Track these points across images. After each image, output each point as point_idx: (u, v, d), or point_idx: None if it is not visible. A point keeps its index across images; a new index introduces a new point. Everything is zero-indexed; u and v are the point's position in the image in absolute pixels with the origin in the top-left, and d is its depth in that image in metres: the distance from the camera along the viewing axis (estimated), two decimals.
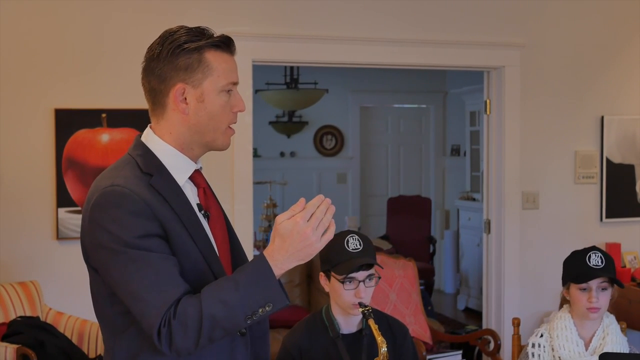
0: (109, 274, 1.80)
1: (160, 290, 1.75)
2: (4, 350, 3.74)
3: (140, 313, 1.76)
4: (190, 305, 1.74)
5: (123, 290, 1.78)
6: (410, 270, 5.08)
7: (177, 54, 1.86)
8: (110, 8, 4.41)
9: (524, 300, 5.12)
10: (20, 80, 4.31)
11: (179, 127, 1.91)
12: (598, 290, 2.87)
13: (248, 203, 4.64)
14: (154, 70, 1.89)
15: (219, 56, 1.90)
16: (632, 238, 5.42)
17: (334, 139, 9.36)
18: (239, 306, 1.74)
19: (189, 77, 1.87)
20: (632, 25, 5.37)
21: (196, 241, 1.86)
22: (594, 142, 5.32)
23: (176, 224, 1.83)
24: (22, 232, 4.33)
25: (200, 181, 1.98)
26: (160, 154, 1.91)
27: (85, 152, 4.35)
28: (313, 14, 4.74)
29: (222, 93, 1.91)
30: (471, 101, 8.22)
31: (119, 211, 1.78)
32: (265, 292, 1.75)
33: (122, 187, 1.81)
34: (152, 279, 1.75)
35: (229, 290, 1.75)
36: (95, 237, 1.81)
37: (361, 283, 2.66)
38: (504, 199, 5.12)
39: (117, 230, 1.77)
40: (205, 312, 1.73)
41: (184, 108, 1.89)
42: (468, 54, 5.02)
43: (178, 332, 1.73)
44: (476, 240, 7.77)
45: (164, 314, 1.73)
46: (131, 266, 1.76)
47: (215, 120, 1.91)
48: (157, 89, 1.90)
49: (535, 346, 2.94)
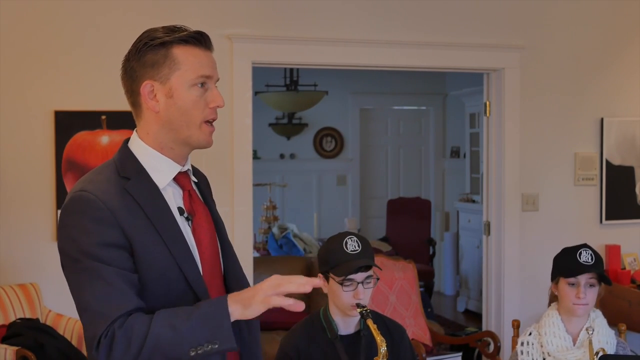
0: (68, 281, 1.81)
1: (110, 303, 1.72)
2: (4, 352, 3.74)
3: (87, 322, 1.75)
4: (139, 321, 1.71)
5: (75, 299, 1.79)
6: (410, 272, 5.08)
7: (144, 52, 1.86)
8: (111, 10, 4.41)
9: (523, 302, 5.12)
10: (21, 82, 4.31)
11: (154, 126, 1.89)
12: (586, 286, 2.93)
13: (248, 205, 4.64)
14: (127, 70, 1.90)
15: (187, 50, 1.86)
16: (631, 240, 5.42)
17: (334, 141, 9.37)
18: (186, 335, 1.69)
19: (156, 73, 1.86)
20: (632, 28, 5.37)
21: (169, 246, 1.82)
22: (593, 144, 5.32)
23: (145, 230, 1.81)
24: (22, 234, 4.33)
25: (186, 183, 1.94)
26: (141, 156, 1.90)
27: (85, 154, 4.35)
28: (313, 16, 4.74)
29: (194, 87, 1.86)
30: (471, 103, 8.22)
31: (82, 217, 1.78)
32: (215, 330, 1.71)
33: (89, 193, 1.80)
34: (103, 290, 1.73)
35: (181, 318, 1.71)
36: (60, 240, 1.82)
37: (360, 284, 2.66)
38: (504, 201, 5.12)
39: (77, 236, 1.77)
40: (152, 331, 1.69)
41: (154, 105, 1.87)
42: (468, 56, 5.02)
43: (120, 345, 1.69)
44: (476, 242, 7.77)
45: (107, 327, 1.70)
46: (84, 276, 1.75)
47: (187, 116, 1.86)
48: (131, 89, 1.91)
49: (524, 344, 3.02)
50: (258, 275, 5.41)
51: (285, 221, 8.02)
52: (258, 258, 5.99)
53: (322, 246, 2.83)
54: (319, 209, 9.10)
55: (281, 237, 7.10)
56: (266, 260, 6.21)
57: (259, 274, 5.47)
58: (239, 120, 4.57)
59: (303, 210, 9.08)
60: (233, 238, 4.50)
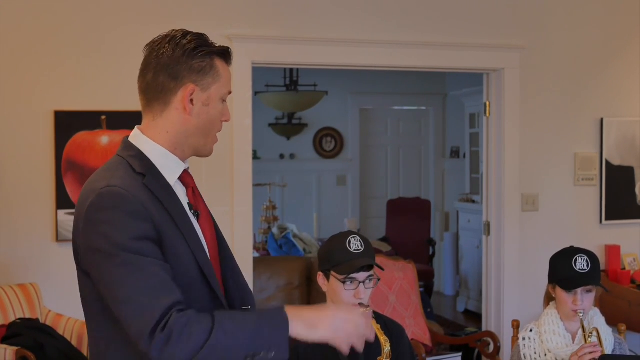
0: (101, 277, 1.78)
1: (154, 294, 1.73)
2: (4, 353, 3.74)
3: (131, 315, 1.73)
4: (200, 321, 1.72)
5: (114, 294, 1.76)
6: (409, 273, 5.08)
7: (193, 56, 1.90)
8: (110, 10, 4.41)
9: (523, 302, 5.12)
10: (20, 82, 4.31)
11: (179, 127, 1.92)
12: (583, 292, 2.95)
13: (248, 205, 4.64)
14: (168, 67, 1.90)
15: (223, 65, 1.96)
16: (631, 240, 5.42)
17: (334, 141, 9.37)
18: (245, 342, 1.72)
19: (200, 79, 1.91)
20: (632, 28, 5.37)
21: (189, 242, 1.86)
22: (593, 144, 5.32)
23: (170, 225, 1.83)
24: (22, 234, 4.33)
25: (189, 181, 1.98)
26: (151, 154, 1.92)
27: (85, 154, 4.35)
28: (312, 16, 4.74)
29: (221, 101, 1.96)
30: (471, 103, 8.22)
31: (116, 212, 1.77)
32: (275, 338, 1.75)
33: (119, 188, 1.80)
34: (146, 282, 1.73)
35: (241, 323, 1.74)
36: (89, 238, 1.80)
37: (361, 284, 2.66)
38: (504, 201, 5.12)
39: (112, 232, 1.76)
40: (214, 334, 1.71)
41: (190, 109, 1.91)
42: (468, 56, 5.02)
43: (178, 342, 1.69)
44: (476, 243, 7.76)
45: (159, 318, 1.70)
46: (124, 269, 1.74)
47: (211, 125, 1.95)
48: (166, 87, 1.91)
49: (525, 339, 3.05)
50: (258, 275, 5.41)
51: (285, 221, 8.01)
52: (258, 258, 5.99)
53: (323, 245, 2.83)
54: (319, 209, 9.10)
55: (281, 237, 7.10)
56: (266, 261, 6.21)
57: (258, 274, 5.47)
58: (238, 121, 4.56)
59: (303, 210, 9.08)
60: (233, 238, 4.50)
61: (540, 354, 3.01)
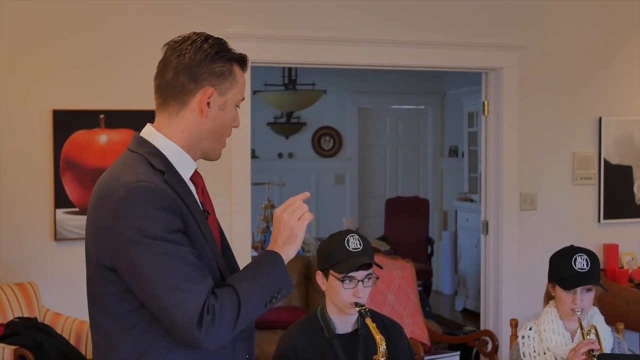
0: (137, 269, 1.80)
1: (196, 280, 1.80)
2: (2, 352, 3.74)
3: (176, 304, 1.78)
4: (226, 296, 1.82)
5: (156, 282, 1.79)
6: (408, 271, 5.08)
7: (214, 60, 1.94)
8: (109, 9, 4.41)
9: (521, 301, 5.12)
10: (18, 81, 4.31)
11: (194, 128, 1.95)
12: (583, 291, 2.95)
13: (246, 204, 4.64)
14: (188, 69, 1.92)
15: (240, 72, 2.01)
16: (630, 239, 5.42)
17: (332, 140, 9.37)
18: (261, 295, 1.86)
19: (219, 83, 1.95)
20: (630, 27, 5.38)
21: (206, 237, 1.92)
22: (592, 143, 5.32)
23: (191, 221, 1.89)
24: (20, 233, 4.33)
25: (199, 180, 2.02)
26: (167, 152, 1.95)
27: (83, 153, 4.35)
28: (311, 15, 4.74)
29: (235, 107, 2.00)
30: (469, 102, 8.22)
31: (149, 206, 1.81)
32: (279, 280, 1.90)
33: (149, 183, 1.84)
34: (186, 270, 1.80)
35: (252, 280, 1.86)
36: (121, 232, 1.81)
37: (360, 283, 2.66)
38: (502, 200, 5.12)
39: (147, 225, 1.79)
40: (241, 301, 1.82)
41: (207, 111, 1.94)
42: (466, 55, 5.02)
43: (222, 320, 1.79)
44: (474, 241, 7.77)
45: (204, 303, 1.78)
46: (164, 259, 1.79)
47: (223, 130, 1.99)
48: (185, 88, 1.93)
49: (525, 337, 3.06)
50: None
51: None
52: None
53: (322, 243, 2.83)
54: (317, 208, 9.09)
55: None
56: None
57: None
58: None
59: None
60: (231, 237, 4.48)
61: (539, 352, 3.01)
